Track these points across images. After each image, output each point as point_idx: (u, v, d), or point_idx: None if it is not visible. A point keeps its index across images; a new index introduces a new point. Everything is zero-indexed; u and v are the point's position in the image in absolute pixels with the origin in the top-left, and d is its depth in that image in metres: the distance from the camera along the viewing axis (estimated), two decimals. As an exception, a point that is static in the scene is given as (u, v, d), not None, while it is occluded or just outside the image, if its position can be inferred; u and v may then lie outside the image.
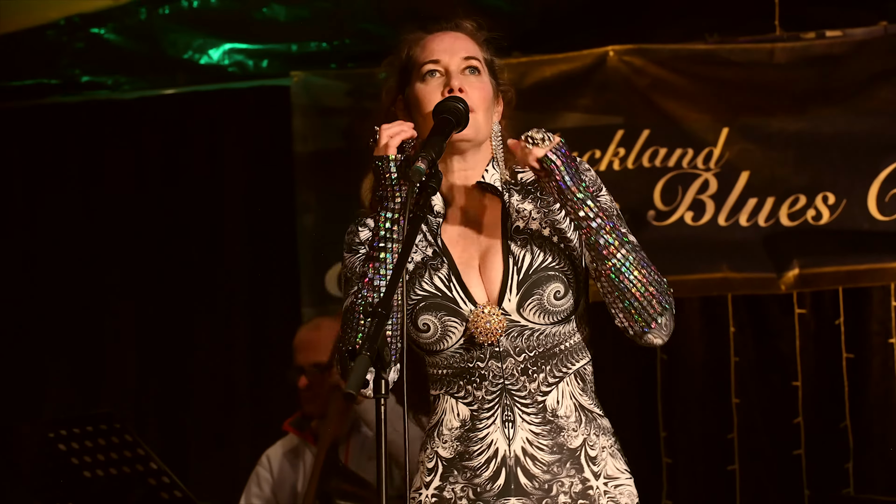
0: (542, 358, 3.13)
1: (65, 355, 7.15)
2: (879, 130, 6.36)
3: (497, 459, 3.10)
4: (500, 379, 3.12)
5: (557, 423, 3.12)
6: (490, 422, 3.12)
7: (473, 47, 3.27)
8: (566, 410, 3.13)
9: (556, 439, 3.11)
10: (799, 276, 6.39)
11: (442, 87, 3.20)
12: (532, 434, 3.11)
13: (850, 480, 6.34)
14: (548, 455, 3.10)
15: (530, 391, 3.12)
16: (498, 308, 3.11)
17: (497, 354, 3.12)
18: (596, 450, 3.14)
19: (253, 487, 5.57)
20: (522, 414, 3.11)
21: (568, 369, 3.15)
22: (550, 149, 3.02)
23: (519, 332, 3.12)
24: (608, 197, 3.19)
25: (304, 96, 6.95)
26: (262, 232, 7.10)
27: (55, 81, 7.14)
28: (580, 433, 3.13)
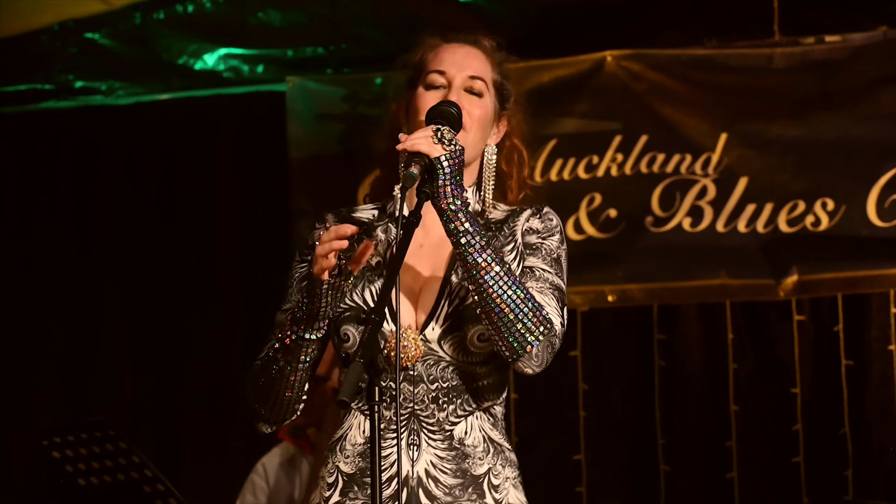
0: (454, 391, 3.11)
1: (58, 362, 7.14)
2: (879, 136, 6.36)
3: (400, 479, 3.04)
4: (409, 403, 3.11)
5: (464, 450, 3.11)
6: (393, 442, 3.09)
7: (484, 67, 3.27)
8: (474, 441, 3.12)
9: (461, 465, 3.10)
10: (798, 282, 6.38)
11: (440, 98, 3.19)
12: (437, 458, 3.10)
13: (849, 488, 6.33)
14: (451, 478, 3.09)
15: (438, 420, 3.11)
16: (419, 334, 3.09)
17: (410, 378, 3.11)
18: (500, 479, 3.13)
19: (247, 495, 5.55)
20: (429, 439, 3.10)
21: (478, 406, 3.14)
22: (447, 153, 2.95)
23: (435, 362, 3.10)
24: (554, 244, 3.17)
25: (300, 101, 6.95)
26: (258, 238, 7.09)
27: (49, 87, 7.13)
28: (486, 462, 3.12)
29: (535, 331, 2.99)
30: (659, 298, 6.57)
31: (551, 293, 3.09)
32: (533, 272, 3.13)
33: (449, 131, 2.98)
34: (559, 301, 3.09)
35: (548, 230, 3.19)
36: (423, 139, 2.97)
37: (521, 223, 3.21)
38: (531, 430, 6.45)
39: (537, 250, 3.16)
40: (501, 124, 3.32)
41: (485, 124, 3.23)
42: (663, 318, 6.62)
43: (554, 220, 3.21)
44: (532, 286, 3.08)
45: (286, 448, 5.56)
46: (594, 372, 6.62)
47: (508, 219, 3.23)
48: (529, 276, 3.11)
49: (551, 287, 3.10)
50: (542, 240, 3.17)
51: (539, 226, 3.20)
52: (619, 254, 6.55)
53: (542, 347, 3.02)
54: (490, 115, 3.26)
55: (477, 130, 3.20)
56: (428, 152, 2.95)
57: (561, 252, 3.18)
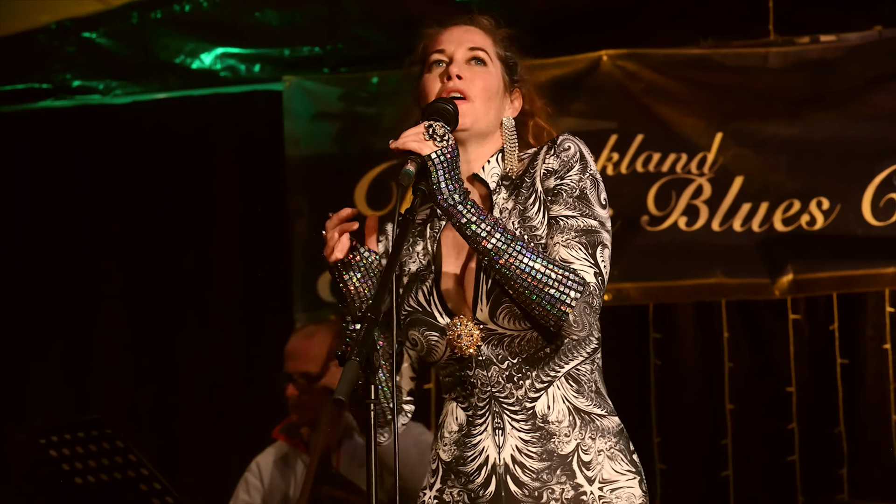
0: (527, 364, 3.08)
1: (57, 362, 7.14)
2: (874, 135, 6.36)
3: (488, 467, 3.08)
4: (487, 387, 3.10)
5: (548, 428, 3.07)
6: (482, 429, 3.10)
7: (484, 40, 3.24)
8: (558, 415, 3.08)
9: (546, 446, 3.07)
10: (793, 281, 6.39)
11: (443, 75, 3.18)
12: (521, 441, 3.07)
13: (844, 486, 6.33)
14: (537, 462, 3.06)
15: (518, 398, 3.08)
16: (472, 318, 3.09)
17: (481, 364, 3.10)
18: (591, 454, 3.07)
19: (241, 494, 5.55)
20: (512, 421, 3.08)
21: (557, 372, 3.09)
22: (438, 149, 2.94)
23: (498, 340, 3.08)
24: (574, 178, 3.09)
25: (297, 101, 6.94)
26: (255, 237, 7.09)
27: (47, 86, 7.13)
28: (573, 438, 3.07)
29: (566, 298, 2.95)
30: (654, 297, 6.58)
31: (578, 242, 3.03)
32: (557, 223, 3.06)
33: (441, 126, 2.97)
34: (589, 247, 3.04)
35: (564, 165, 3.10)
36: (414, 136, 2.95)
37: (538, 167, 3.13)
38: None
39: (557, 195, 3.08)
40: (515, 97, 3.28)
41: (492, 94, 3.19)
42: (659, 317, 6.63)
43: (571, 149, 3.12)
44: (558, 240, 3.03)
45: (280, 447, 5.56)
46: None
47: (528, 166, 3.16)
48: (555, 230, 3.05)
49: (577, 234, 3.03)
50: (560, 179, 3.09)
51: (555, 164, 3.11)
52: (614, 253, 6.48)
53: (580, 311, 2.99)
54: (497, 86, 3.22)
55: (483, 99, 3.17)
56: (418, 150, 2.94)
57: (584, 184, 3.08)
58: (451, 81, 3.16)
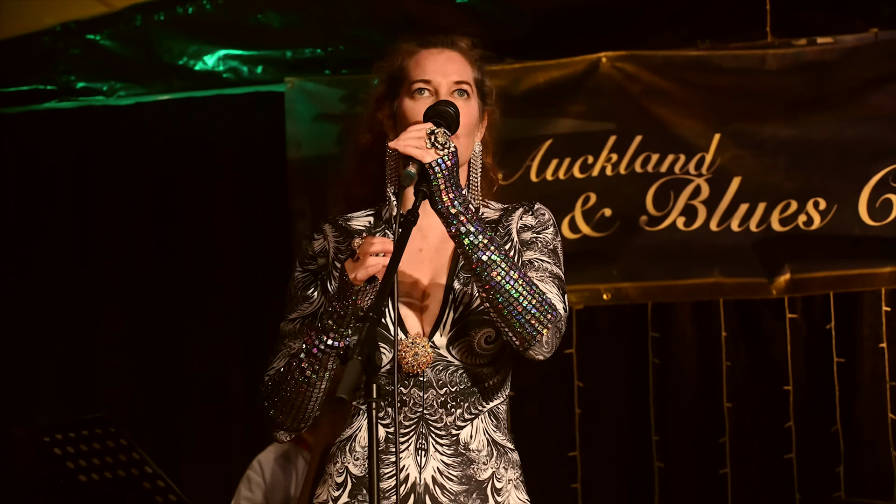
0: (462, 395, 3.16)
1: (59, 360, 7.14)
2: (870, 136, 6.37)
3: (407, 484, 3.12)
4: (419, 408, 3.15)
5: (469, 455, 3.15)
6: (404, 447, 3.14)
7: (465, 69, 3.28)
8: (479, 445, 3.17)
9: (466, 471, 3.14)
10: (790, 280, 6.41)
11: None
12: (443, 464, 3.14)
13: (841, 484, 6.34)
14: (456, 485, 3.13)
15: (446, 424, 3.15)
16: (428, 341, 3.13)
17: (420, 384, 3.14)
18: (503, 482, 3.18)
19: (243, 491, 5.57)
20: (436, 444, 3.14)
21: (484, 407, 3.19)
22: (439, 157, 2.97)
23: (444, 367, 3.15)
24: (549, 236, 3.23)
25: (298, 102, 6.95)
26: (257, 238, 7.09)
27: (51, 87, 7.14)
28: (490, 467, 3.17)
29: (544, 319, 3.04)
30: (653, 297, 6.59)
31: (551, 281, 3.14)
32: (532, 264, 3.17)
33: (443, 134, 2.99)
34: (559, 288, 3.15)
35: (541, 224, 3.25)
36: (415, 143, 2.97)
37: (514, 221, 3.26)
38: (527, 428, 6.44)
39: (533, 244, 3.21)
40: (484, 122, 3.34)
41: (472, 127, 3.25)
42: (657, 317, 6.64)
43: (546, 215, 3.27)
44: (533, 276, 3.12)
45: (281, 445, 5.58)
46: (589, 369, 6.63)
47: (502, 218, 3.27)
48: (529, 269, 3.16)
49: (551, 276, 3.15)
50: (536, 234, 3.23)
51: (532, 221, 3.25)
52: (613, 252, 6.56)
53: (552, 334, 3.07)
54: (476, 117, 3.28)
55: (466, 134, 3.22)
56: (420, 158, 2.96)
57: (556, 243, 3.23)
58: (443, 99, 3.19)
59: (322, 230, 3.31)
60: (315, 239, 3.30)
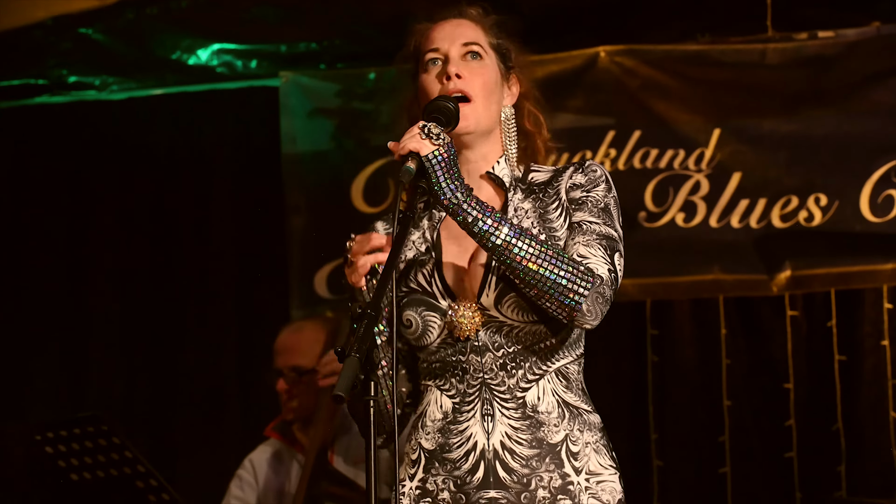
0: (521, 355, 3.12)
1: (52, 358, 7.14)
2: (872, 132, 6.36)
3: (476, 452, 3.09)
4: (479, 373, 3.12)
5: (538, 418, 3.10)
6: (470, 415, 3.12)
7: (475, 32, 3.26)
8: (547, 406, 3.12)
9: (536, 434, 3.10)
10: (791, 277, 6.39)
11: (441, 75, 3.20)
12: (511, 428, 3.10)
13: (842, 483, 6.34)
14: (527, 449, 3.09)
15: (509, 387, 3.11)
16: (475, 303, 3.10)
17: (476, 349, 3.12)
18: (579, 445, 3.11)
19: (234, 490, 5.54)
20: (502, 408, 3.11)
21: (548, 367, 3.14)
22: (435, 149, 2.96)
23: (497, 328, 3.11)
24: (600, 193, 3.17)
25: (293, 97, 6.94)
26: (252, 233, 7.09)
27: (43, 82, 7.13)
28: (562, 429, 3.11)
29: (579, 288, 2.98)
30: (652, 293, 6.58)
31: (598, 244, 3.08)
32: (580, 226, 3.13)
33: (436, 126, 2.99)
34: (607, 249, 3.09)
35: (591, 181, 3.18)
36: (412, 138, 2.98)
37: (564, 181, 3.21)
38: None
39: (583, 204, 3.16)
40: (512, 84, 3.31)
41: (492, 88, 3.23)
42: (656, 314, 6.63)
43: (598, 171, 3.21)
44: (579, 240, 3.09)
45: (273, 444, 5.56)
46: (587, 367, 6.56)
47: (552, 179, 3.23)
48: (577, 232, 3.12)
49: (598, 237, 3.09)
50: (586, 192, 3.17)
51: (582, 179, 3.19)
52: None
53: (592, 300, 3.01)
54: (495, 78, 3.25)
55: (484, 97, 3.20)
56: (417, 149, 2.96)
57: (609, 200, 3.17)
58: (450, 82, 3.18)
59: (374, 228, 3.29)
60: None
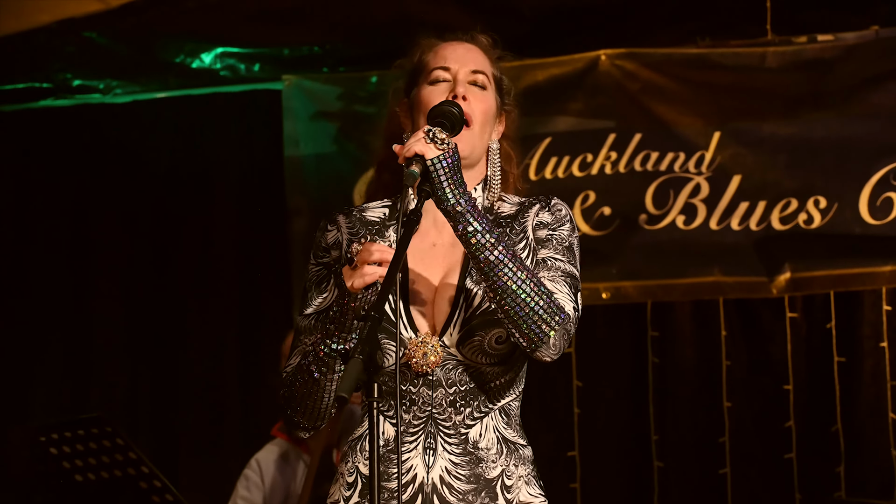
0: (472, 393, 3.14)
1: (55, 360, 7.14)
2: (871, 134, 6.37)
3: (415, 485, 3.10)
4: (428, 407, 3.13)
5: (478, 454, 3.14)
6: (412, 446, 3.12)
7: (484, 62, 3.30)
8: (488, 443, 3.15)
9: (475, 470, 3.13)
10: (790, 279, 6.39)
11: (447, 92, 3.22)
12: (451, 464, 3.12)
13: (841, 484, 6.34)
14: (464, 484, 3.11)
15: (455, 423, 3.13)
16: (438, 340, 3.11)
17: (429, 383, 3.13)
18: (513, 479, 3.16)
19: (241, 490, 5.56)
20: (444, 443, 3.12)
21: (494, 406, 3.17)
22: (441, 153, 2.97)
23: (454, 366, 3.12)
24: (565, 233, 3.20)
25: (296, 100, 6.94)
26: (254, 236, 7.09)
27: (47, 85, 7.13)
28: (499, 464, 3.15)
29: (551, 321, 3.01)
30: (653, 296, 6.58)
31: (563, 281, 3.11)
32: (545, 262, 3.15)
33: (441, 131, 2.99)
34: (572, 287, 3.12)
35: (557, 220, 3.21)
36: (417, 142, 2.98)
37: (531, 218, 3.23)
38: (525, 428, 6.42)
39: (548, 241, 3.18)
40: (501, 120, 3.34)
41: (489, 118, 3.26)
42: (657, 316, 6.63)
43: (563, 210, 3.24)
44: (544, 276, 3.11)
45: (280, 444, 5.56)
46: (588, 369, 6.62)
47: (518, 214, 3.25)
48: (542, 267, 3.14)
49: (563, 275, 3.12)
50: (552, 231, 3.20)
51: (549, 218, 3.22)
52: (613, 251, 6.55)
53: (559, 336, 3.03)
54: (493, 110, 3.28)
55: (482, 125, 3.23)
56: (423, 153, 2.96)
57: (572, 240, 3.21)
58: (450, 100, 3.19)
59: (336, 221, 3.28)
60: (328, 230, 3.26)
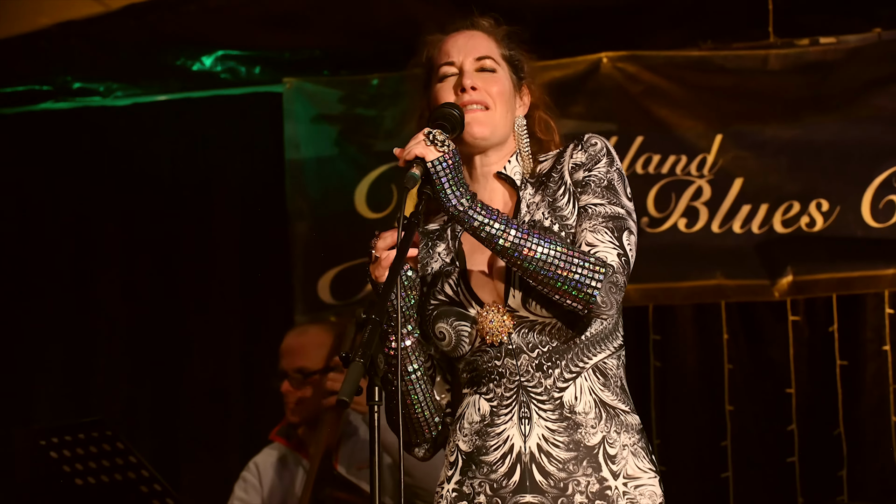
0: (557, 353, 3.10)
1: (56, 363, 7.14)
2: (873, 137, 6.36)
3: (512, 456, 3.08)
4: (516, 376, 3.11)
5: (575, 419, 3.08)
6: (507, 418, 3.10)
7: (488, 45, 3.29)
8: (585, 406, 3.09)
9: (573, 436, 3.07)
10: (793, 283, 6.39)
11: (456, 86, 3.22)
12: (548, 431, 3.08)
13: (843, 488, 6.33)
14: (563, 452, 3.07)
15: (546, 387, 3.09)
16: (503, 306, 3.10)
17: (510, 352, 3.11)
18: (616, 448, 3.09)
19: (238, 492, 5.55)
20: (539, 410, 3.09)
21: (585, 363, 3.11)
22: (440, 155, 2.98)
23: (529, 328, 3.10)
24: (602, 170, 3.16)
25: (297, 103, 6.95)
26: (255, 239, 7.09)
27: (47, 88, 7.13)
28: (599, 430, 3.08)
29: (592, 281, 2.98)
30: (654, 299, 6.58)
31: (605, 228, 3.08)
32: (586, 211, 3.11)
33: (441, 133, 3.00)
34: (615, 231, 3.08)
35: (592, 158, 3.17)
36: (417, 144, 2.99)
37: (566, 162, 3.20)
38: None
39: (586, 185, 3.15)
40: (524, 94, 3.33)
41: (507, 98, 3.25)
42: (658, 319, 6.63)
43: (598, 144, 3.20)
44: (586, 227, 3.08)
45: (278, 449, 5.56)
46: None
47: (556, 162, 3.23)
48: (584, 217, 3.11)
49: (604, 220, 3.09)
50: (588, 172, 3.16)
51: (583, 157, 3.18)
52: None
53: (606, 291, 3.00)
54: (509, 88, 3.27)
55: (501, 104, 3.22)
56: (423, 155, 2.97)
57: (612, 175, 3.16)
58: (465, 94, 3.20)
59: None
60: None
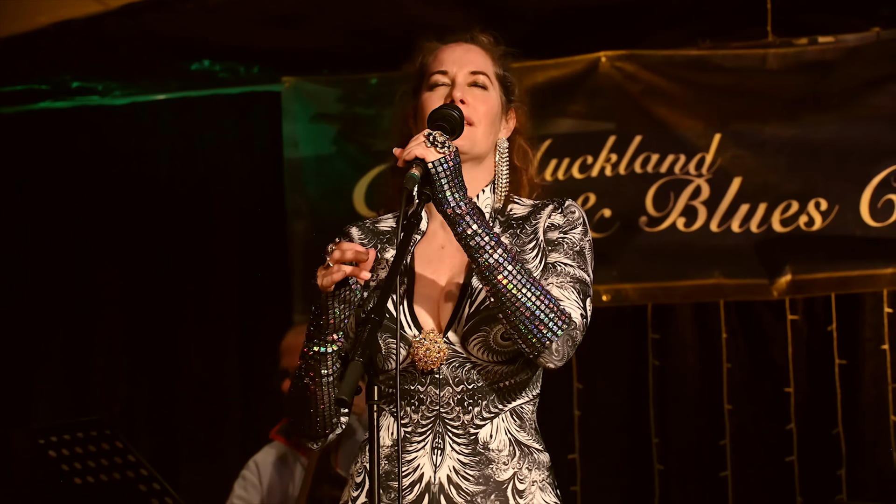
0: (480, 393, 3.11)
1: (55, 362, 7.14)
2: (872, 137, 6.36)
3: (422, 484, 3.08)
4: (436, 406, 3.11)
5: (488, 455, 3.10)
6: (420, 446, 3.10)
7: (484, 61, 3.28)
8: (499, 444, 3.11)
9: (484, 471, 3.09)
10: (791, 282, 6.39)
11: (446, 97, 3.21)
12: (459, 463, 3.09)
13: (842, 487, 6.33)
14: (472, 485, 3.08)
15: (464, 422, 3.10)
16: (442, 337, 3.09)
17: (437, 381, 3.10)
18: (525, 483, 3.12)
19: (238, 490, 5.56)
20: (453, 443, 3.09)
21: (504, 407, 3.13)
22: (441, 157, 2.96)
23: (460, 364, 3.10)
24: (577, 236, 3.17)
25: (295, 102, 6.95)
26: (254, 238, 7.09)
27: (46, 87, 7.13)
28: (511, 466, 3.11)
29: (554, 326, 2.98)
30: (653, 298, 6.58)
31: (571, 286, 3.08)
32: (555, 267, 3.12)
33: (441, 135, 2.98)
34: (580, 293, 3.08)
35: (570, 223, 3.18)
36: (418, 145, 2.97)
37: (542, 219, 3.21)
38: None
39: (559, 245, 3.15)
40: (510, 118, 3.33)
41: (493, 118, 3.24)
42: (657, 318, 6.63)
43: (576, 213, 3.21)
44: (552, 281, 3.08)
45: (278, 447, 5.56)
46: (588, 371, 6.62)
47: (531, 215, 3.23)
48: (551, 272, 3.11)
49: (572, 280, 3.09)
50: (563, 234, 3.16)
51: (561, 220, 3.19)
52: (613, 253, 6.55)
53: (563, 342, 3.00)
54: (497, 109, 3.27)
55: (486, 124, 3.21)
56: (423, 156, 2.95)
57: (584, 244, 3.17)
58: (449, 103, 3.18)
59: (348, 234, 3.30)
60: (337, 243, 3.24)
